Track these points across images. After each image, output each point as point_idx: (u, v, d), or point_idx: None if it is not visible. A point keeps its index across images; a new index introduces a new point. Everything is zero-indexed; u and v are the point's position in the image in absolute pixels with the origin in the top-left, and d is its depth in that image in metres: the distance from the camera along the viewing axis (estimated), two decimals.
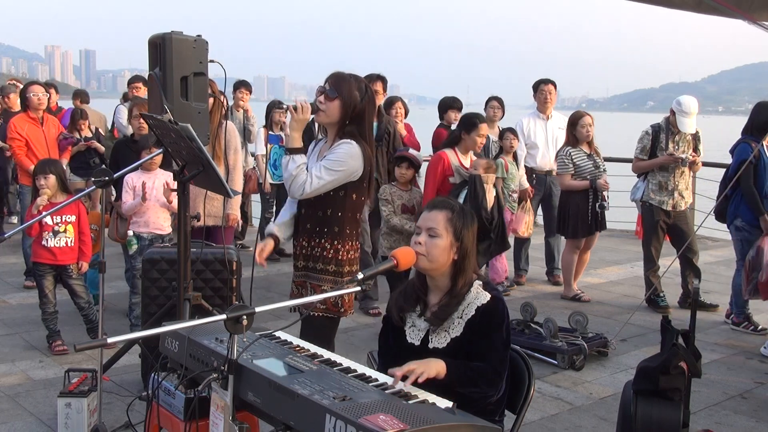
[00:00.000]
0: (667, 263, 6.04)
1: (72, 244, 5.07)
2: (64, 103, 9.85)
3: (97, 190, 3.62)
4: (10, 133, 6.71)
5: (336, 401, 2.01)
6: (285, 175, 3.27)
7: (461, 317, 2.59)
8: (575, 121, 6.53)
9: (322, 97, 3.25)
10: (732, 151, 5.91)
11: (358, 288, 2.30)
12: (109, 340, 1.94)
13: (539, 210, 7.51)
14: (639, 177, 6.52)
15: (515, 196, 6.79)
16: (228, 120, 5.44)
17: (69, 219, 5.06)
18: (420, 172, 6.63)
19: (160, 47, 3.64)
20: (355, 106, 3.27)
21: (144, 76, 6.33)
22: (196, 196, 4.55)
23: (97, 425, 3.47)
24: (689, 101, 6.14)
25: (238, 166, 5.29)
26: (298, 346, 2.61)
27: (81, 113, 7.81)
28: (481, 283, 2.65)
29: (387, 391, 2.19)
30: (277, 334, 2.71)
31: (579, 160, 6.46)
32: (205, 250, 4.19)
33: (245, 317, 2.01)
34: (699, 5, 4.66)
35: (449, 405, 2.15)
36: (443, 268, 2.61)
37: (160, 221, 5.26)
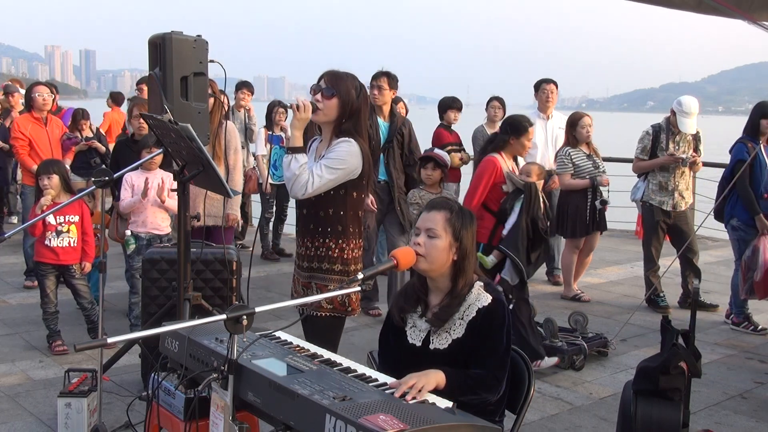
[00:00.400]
0: (667, 263, 6.04)
1: (75, 244, 5.07)
2: (63, 103, 9.85)
3: (98, 190, 3.62)
4: (13, 133, 6.71)
5: (336, 401, 2.01)
6: (287, 175, 3.22)
7: (462, 318, 2.59)
8: (575, 122, 6.52)
9: (319, 96, 3.25)
10: (731, 151, 5.93)
11: (358, 288, 2.30)
12: (109, 340, 1.94)
13: None
14: (639, 177, 6.52)
15: None
16: (228, 120, 5.44)
17: (72, 219, 5.06)
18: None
19: (160, 47, 3.64)
20: (352, 104, 3.27)
21: None
22: (195, 196, 4.55)
23: (97, 425, 3.47)
24: (690, 101, 6.14)
25: (238, 166, 5.29)
26: (298, 346, 2.61)
27: (82, 113, 7.80)
28: (482, 284, 2.65)
29: (387, 391, 2.19)
30: (277, 334, 2.71)
31: (578, 160, 6.46)
32: (205, 250, 4.19)
33: (245, 317, 2.01)
34: (699, 5, 4.66)
35: (449, 405, 2.15)
36: (443, 269, 2.61)
37: (157, 221, 5.26)
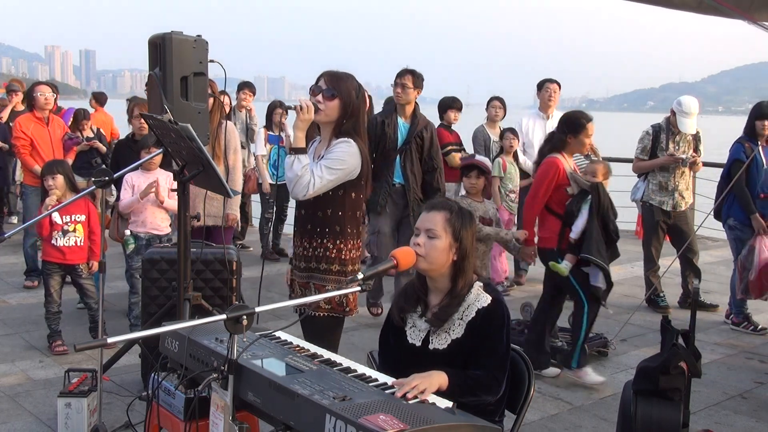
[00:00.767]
0: (667, 263, 6.04)
1: (81, 243, 5.07)
2: (63, 103, 9.85)
3: (98, 190, 3.62)
4: (15, 132, 6.70)
5: (336, 401, 2.01)
6: (290, 175, 3.19)
7: (462, 318, 2.59)
8: None
9: (320, 97, 3.24)
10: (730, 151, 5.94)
11: (358, 288, 2.30)
12: (109, 340, 1.94)
13: None
14: (639, 177, 6.52)
15: (513, 196, 6.79)
16: (229, 120, 5.44)
17: (78, 218, 5.05)
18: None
19: (160, 47, 3.64)
20: (353, 104, 3.27)
21: None
22: (195, 196, 4.55)
23: (97, 425, 3.47)
24: (690, 101, 6.14)
25: (237, 166, 5.29)
26: (298, 346, 2.61)
27: (84, 113, 7.79)
28: (482, 285, 2.65)
29: (387, 391, 2.19)
30: (277, 334, 2.71)
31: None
32: (205, 250, 4.20)
33: (245, 317, 2.01)
34: (699, 6, 4.66)
35: (449, 405, 2.15)
36: (442, 269, 2.61)
37: (157, 221, 5.26)
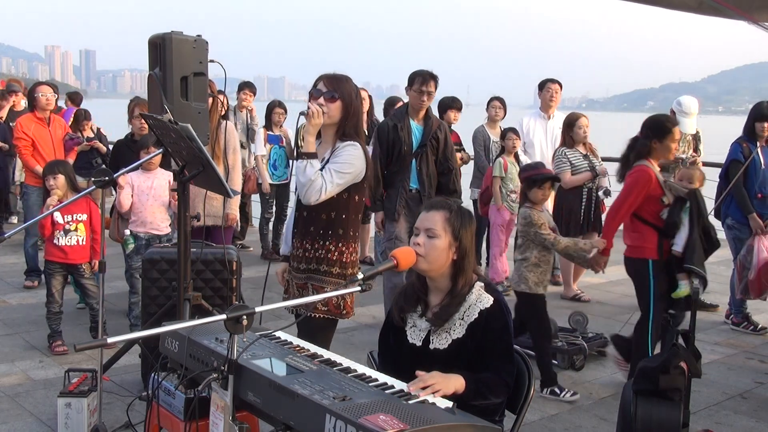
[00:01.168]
0: None
1: (83, 242, 5.06)
2: (63, 103, 9.85)
3: (98, 190, 3.62)
4: (16, 133, 6.71)
5: (336, 401, 2.01)
6: (302, 180, 3.18)
7: (463, 319, 2.59)
8: (572, 123, 6.53)
9: (321, 99, 3.25)
10: None
11: (358, 288, 2.30)
12: (109, 340, 1.94)
13: None
14: None
15: (514, 196, 6.79)
16: (228, 120, 5.44)
17: (80, 218, 5.05)
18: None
19: (160, 47, 3.64)
20: (353, 104, 3.28)
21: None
22: (195, 196, 4.55)
23: (97, 425, 3.47)
24: (689, 102, 6.14)
25: (237, 166, 5.29)
26: (298, 346, 2.61)
27: (84, 113, 7.81)
28: (483, 285, 2.65)
29: (387, 391, 2.19)
30: (277, 334, 2.71)
31: (575, 159, 6.48)
32: (205, 250, 4.19)
33: (245, 317, 2.01)
34: (700, 6, 4.67)
35: (449, 405, 2.15)
36: (442, 268, 2.61)
37: (157, 221, 5.26)
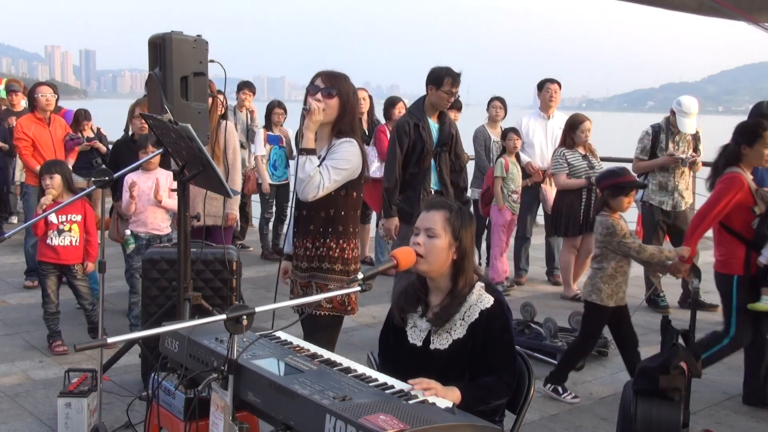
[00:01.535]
0: None
1: (77, 243, 5.06)
2: (63, 103, 9.83)
3: (98, 190, 3.62)
4: (16, 134, 6.71)
5: (336, 401, 2.01)
6: (301, 176, 3.18)
7: (463, 319, 2.59)
8: (575, 126, 6.53)
9: (319, 96, 3.25)
10: None
11: (358, 288, 2.30)
12: (109, 340, 1.93)
13: (539, 210, 7.51)
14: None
15: (515, 196, 6.79)
16: (228, 120, 5.44)
17: (74, 218, 5.05)
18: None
19: (160, 47, 3.64)
20: (350, 102, 3.29)
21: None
22: (195, 196, 4.55)
23: (97, 425, 3.47)
24: (689, 101, 6.14)
25: (237, 165, 5.29)
26: (298, 346, 2.61)
27: (84, 114, 7.80)
28: (483, 285, 2.65)
29: (387, 391, 2.19)
30: (277, 334, 2.71)
31: (573, 159, 6.49)
32: (205, 250, 4.19)
33: (245, 317, 2.01)
34: (700, 7, 4.66)
35: (449, 405, 2.15)
36: (443, 268, 2.61)
37: (157, 221, 5.26)
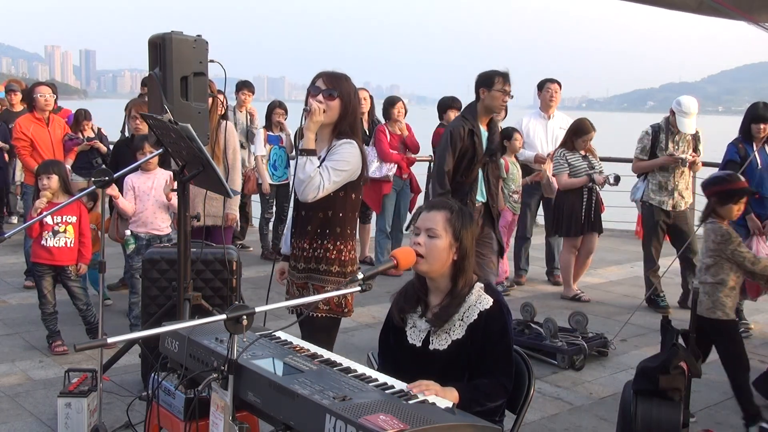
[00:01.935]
0: (667, 263, 6.03)
1: (72, 244, 5.06)
2: (63, 104, 9.84)
3: (98, 190, 3.62)
4: (15, 134, 6.71)
5: (336, 401, 2.01)
6: (302, 177, 3.16)
7: (462, 319, 2.59)
8: (579, 133, 6.53)
9: (321, 97, 3.25)
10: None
11: (358, 288, 2.30)
12: (109, 340, 1.93)
13: (540, 209, 7.52)
14: (639, 177, 6.52)
15: (516, 196, 6.80)
16: (228, 120, 5.44)
17: (69, 219, 5.05)
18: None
19: (160, 47, 3.64)
20: (352, 103, 3.28)
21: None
22: (195, 196, 4.55)
23: (97, 425, 3.47)
24: (689, 101, 6.14)
25: (237, 166, 5.29)
26: (298, 346, 2.61)
27: (84, 113, 7.80)
28: (483, 285, 2.65)
29: (387, 391, 2.19)
30: (277, 334, 2.71)
31: (574, 160, 6.50)
32: (205, 250, 4.19)
33: (245, 317, 2.01)
34: (700, 7, 4.65)
35: (449, 405, 2.15)
36: (443, 269, 2.61)
37: (157, 222, 5.26)
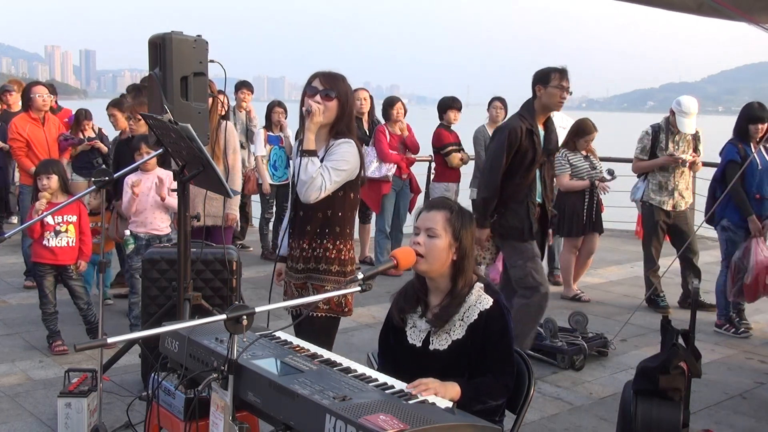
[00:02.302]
0: (667, 263, 6.03)
1: (73, 243, 5.07)
2: (63, 104, 9.84)
3: (100, 189, 3.62)
4: (11, 134, 6.71)
5: (336, 401, 2.01)
6: (304, 178, 3.16)
7: (462, 320, 2.59)
8: (582, 133, 6.53)
9: (318, 98, 3.25)
10: (721, 153, 5.92)
11: (358, 288, 2.30)
12: (109, 340, 1.93)
13: None
14: (639, 177, 6.52)
15: None
16: (228, 120, 5.44)
17: (70, 219, 5.06)
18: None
19: (160, 47, 3.64)
20: (348, 103, 3.29)
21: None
22: (195, 196, 4.55)
23: (97, 425, 3.47)
24: (689, 101, 6.14)
25: (237, 166, 5.29)
26: (298, 346, 2.61)
27: (85, 113, 7.79)
28: (483, 286, 2.65)
29: (387, 391, 2.19)
30: (277, 334, 2.71)
31: (575, 160, 6.50)
32: (205, 250, 4.19)
33: (245, 317, 2.01)
34: (700, 8, 4.64)
35: (449, 405, 2.15)
36: (442, 269, 2.61)
37: (157, 222, 5.26)
